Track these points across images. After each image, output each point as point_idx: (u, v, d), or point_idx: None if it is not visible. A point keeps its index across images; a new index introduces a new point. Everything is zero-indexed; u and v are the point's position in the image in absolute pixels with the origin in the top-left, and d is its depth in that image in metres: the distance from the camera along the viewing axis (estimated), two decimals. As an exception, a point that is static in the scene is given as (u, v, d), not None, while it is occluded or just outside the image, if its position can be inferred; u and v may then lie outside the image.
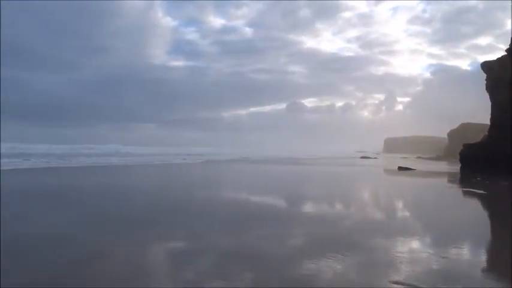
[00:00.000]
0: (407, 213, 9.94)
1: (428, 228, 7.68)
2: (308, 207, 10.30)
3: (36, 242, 6.01)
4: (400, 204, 11.54)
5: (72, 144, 57.11)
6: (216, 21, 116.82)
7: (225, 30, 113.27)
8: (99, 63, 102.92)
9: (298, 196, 12.61)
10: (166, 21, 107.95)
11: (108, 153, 44.33)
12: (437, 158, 58.76)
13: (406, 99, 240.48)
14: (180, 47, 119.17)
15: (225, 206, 10.17)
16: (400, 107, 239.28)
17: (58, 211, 8.89)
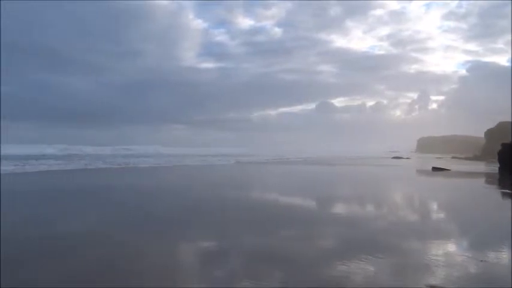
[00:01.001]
0: (442, 215, 9.65)
1: (464, 230, 7.42)
2: (339, 208, 10.16)
3: (80, 240, 6.19)
4: (434, 206, 11.21)
5: (110, 145, 58.85)
6: (245, 22, 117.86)
7: (254, 31, 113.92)
8: (130, 66, 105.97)
9: (330, 197, 12.46)
10: (196, 23, 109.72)
11: (149, 154, 45.42)
12: (474, 158, 56.70)
13: (441, 97, 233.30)
14: (209, 49, 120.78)
15: (257, 207, 10.18)
16: (434, 106, 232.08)
17: (109, 211, 9.11)
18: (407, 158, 55.50)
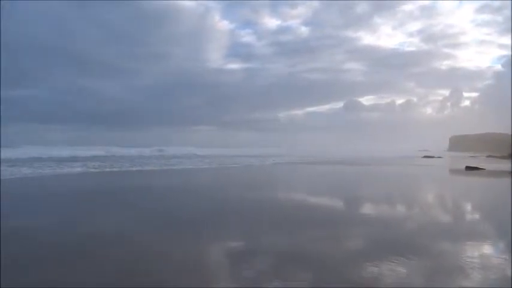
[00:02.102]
0: (477, 216, 9.35)
1: (501, 232, 7.14)
2: (369, 209, 10.00)
3: (115, 240, 6.36)
4: (468, 207, 10.87)
5: (141, 147, 60.16)
6: (272, 22, 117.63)
7: (280, 30, 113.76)
8: (158, 68, 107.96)
9: (359, 197, 12.27)
10: (223, 24, 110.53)
11: (185, 156, 46.11)
12: (510, 157, 54.52)
13: (474, 94, 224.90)
14: (236, 50, 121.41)
15: (284, 207, 10.15)
16: (467, 103, 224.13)
17: (164, 212, 9.12)
18: (438, 157, 54.01)
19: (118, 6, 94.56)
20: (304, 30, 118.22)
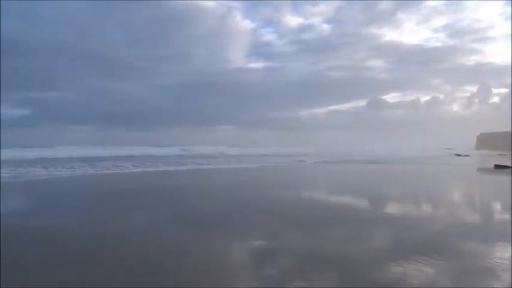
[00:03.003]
0: (507, 216, 9.10)
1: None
2: (395, 208, 9.86)
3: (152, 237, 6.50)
4: (498, 206, 10.59)
5: (169, 146, 61.19)
6: (293, 20, 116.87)
7: (301, 28, 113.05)
8: (180, 69, 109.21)
9: (383, 196, 12.11)
10: (244, 24, 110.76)
11: (214, 155, 46.78)
12: (542, 155, 52.66)
13: (503, 90, 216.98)
14: (257, 49, 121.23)
15: (307, 207, 10.14)
16: (495, 99, 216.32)
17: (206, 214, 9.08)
18: (466, 156, 52.70)
19: (140, 8, 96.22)
20: (325, 27, 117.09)
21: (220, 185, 15.94)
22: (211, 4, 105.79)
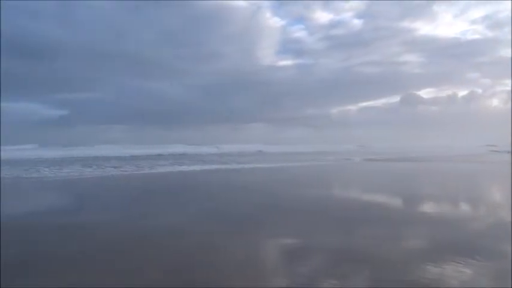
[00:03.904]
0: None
1: None
2: (429, 208, 9.67)
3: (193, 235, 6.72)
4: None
5: (205, 144, 62.39)
6: (324, 16, 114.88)
7: (332, 24, 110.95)
8: (212, 68, 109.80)
9: (418, 195, 11.86)
10: (274, 21, 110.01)
11: (252, 153, 47.58)
12: None
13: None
14: (287, 46, 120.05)
15: (337, 206, 10.14)
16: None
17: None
18: (508, 153, 50.47)
19: (172, 8, 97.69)
20: (357, 23, 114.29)
21: (276, 184, 15.66)
22: (241, 3, 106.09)
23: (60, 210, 9.56)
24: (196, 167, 23.21)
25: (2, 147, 43.10)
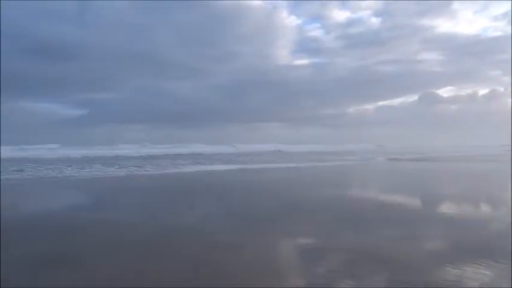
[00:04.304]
0: None
1: None
2: (450, 208, 9.55)
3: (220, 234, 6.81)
4: None
5: (223, 144, 62.92)
6: (341, 14, 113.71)
7: (349, 23, 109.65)
8: (228, 68, 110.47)
9: (440, 196, 11.75)
10: (290, 20, 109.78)
11: (271, 153, 48.30)
12: None
13: None
14: (304, 45, 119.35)
15: (354, 205, 10.07)
16: None
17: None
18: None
19: (190, 9, 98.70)
20: (375, 21, 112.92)
21: (303, 184, 15.54)
22: (257, 3, 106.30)
23: (84, 209, 9.79)
24: (219, 167, 23.34)
25: (24, 146, 44.46)
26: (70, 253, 5.53)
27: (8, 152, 39.77)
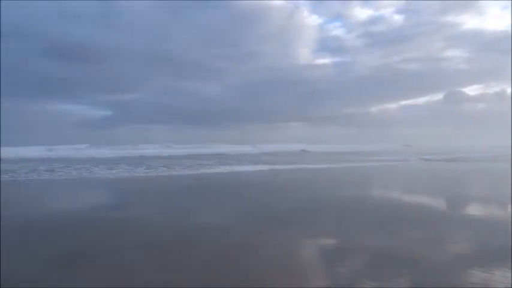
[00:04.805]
0: None
1: None
2: (479, 210, 9.27)
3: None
4: None
5: (245, 144, 63.09)
6: (362, 12, 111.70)
7: (371, 21, 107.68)
8: (250, 68, 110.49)
9: (469, 197, 11.39)
10: (311, 20, 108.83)
11: (296, 153, 48.27)
12: None
13: None
14: (325, 44, 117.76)
15: (382, 207, 9.91)
16: None
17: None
18: None
19: (212, 9, 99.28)
20: (397, 18, 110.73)
21: (340, 186, 14.86)
22: (278, 3, 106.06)
23: (126, 210, 9.89)
24: (248, 167, 22.96)
25: (55, 146, 45.38)
26: (104, 251, 5.64)
27: (36, 152, 40.60)
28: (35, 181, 15.88)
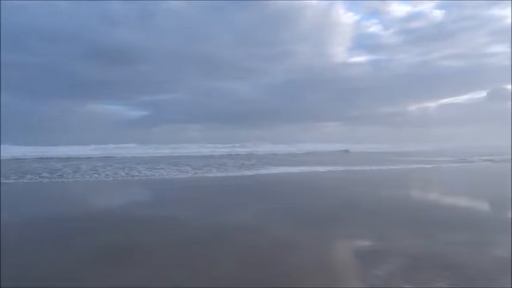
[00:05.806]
0: None
1: None
2: None
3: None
4: None
5: (278, 143, 62.48)
6: (400, 9, 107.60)
7: (410, 17, 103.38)
8: (285, 67, 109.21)
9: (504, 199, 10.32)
10: (347, 17, 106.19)
11: (337, 152, 47.75)
12: None
13: None
14: (361, 42, 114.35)
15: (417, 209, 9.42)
16: None
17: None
18: None
19: (247, 9, 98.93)
20: (438, 13, 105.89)
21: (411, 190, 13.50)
22: (314, 2, 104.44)
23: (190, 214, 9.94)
24: (303, 168, 21.42)
25: (102, 146, 46.37)
26: (155, 248, 5.76)
27: (81, 151, 41.33)
28: (82, 179, 15.98)
